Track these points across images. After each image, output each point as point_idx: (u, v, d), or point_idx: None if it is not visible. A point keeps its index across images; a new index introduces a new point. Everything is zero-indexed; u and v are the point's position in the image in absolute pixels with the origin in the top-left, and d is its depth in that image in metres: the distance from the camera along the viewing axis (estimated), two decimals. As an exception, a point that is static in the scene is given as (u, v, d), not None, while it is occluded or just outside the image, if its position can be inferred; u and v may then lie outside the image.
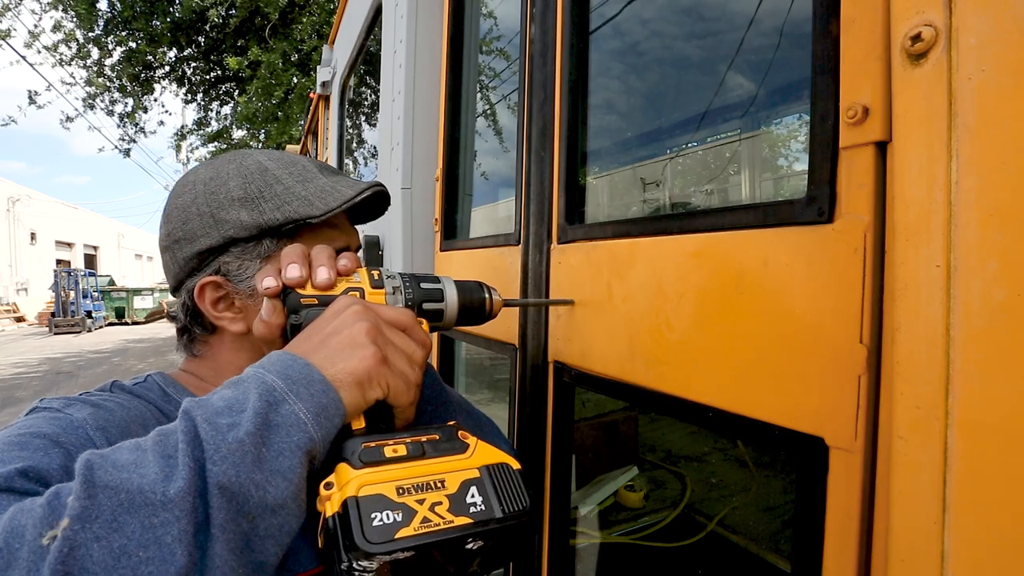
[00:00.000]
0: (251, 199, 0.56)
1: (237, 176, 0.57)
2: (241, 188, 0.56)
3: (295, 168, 0.59)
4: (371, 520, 0.36)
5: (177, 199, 0.58)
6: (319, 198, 0.56)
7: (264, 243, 0.56)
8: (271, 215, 0.55)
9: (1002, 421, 0.31)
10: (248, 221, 0.55)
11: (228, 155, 0.61)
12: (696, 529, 1.48)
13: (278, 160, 0.59)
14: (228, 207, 0.55)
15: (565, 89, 0.81)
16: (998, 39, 0.31)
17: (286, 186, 0.57)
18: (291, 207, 0.56)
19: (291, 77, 6.85)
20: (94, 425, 0.47)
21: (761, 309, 0.48)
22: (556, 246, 0.81)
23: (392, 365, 0.45)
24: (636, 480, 1.70)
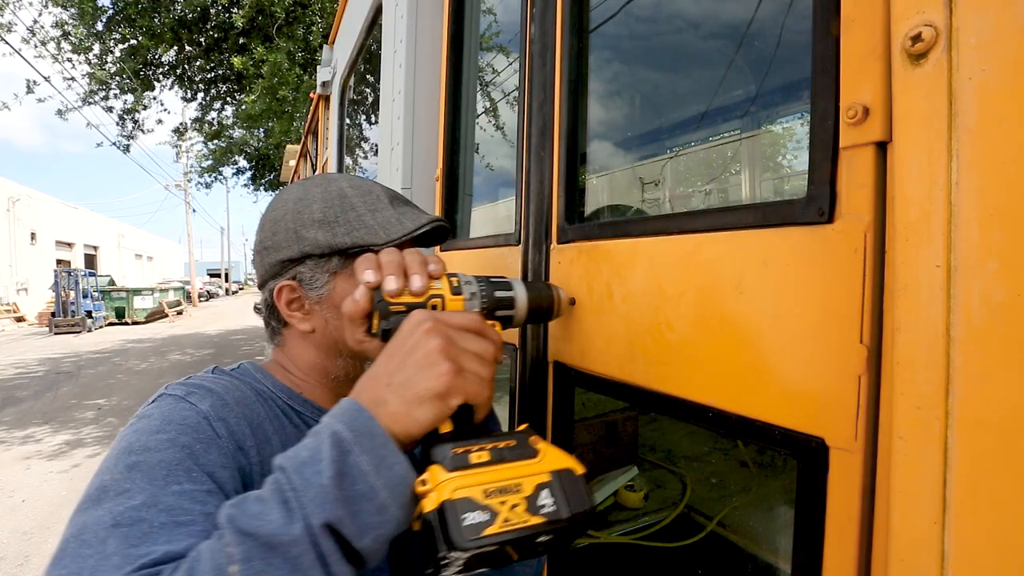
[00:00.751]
0: (328, 222, 0.65)
1: (320, 200, 0.66)
2: (321, 211, 0.65)
3: (369, 197, 0.68)
4: (462, 521, 0.43)
5: (272, 212, 0.68)
6: (383, 228, 0.65)
7: (334, 260, 0.65)
8: (342, 238, 0.64)
9: (1002, 421, 0.31)
10: (323, 241, 0.64)
11: (319, 178, 0.70)
12: (696, 529, 1.48)
13: (357, 188, 0.68)
14: (309, 226, 0.65)
15: (565, 89, 0.81)
16: (998, 39, 0.31)
17: (358, 214, 0.66)
18: (359, 234, 0.65)
19: (296, 76, 6.86)
20: (214, 416, 0.55)
21: (761, 309, 0.48)
22: (556, 246, 0.81)
23: (467, 372, 0.51)
24: (636, 480, 1.70)
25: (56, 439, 5.44)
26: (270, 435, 0.61)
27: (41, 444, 5.31)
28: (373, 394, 0.50)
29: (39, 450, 5.15)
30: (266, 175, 10.83)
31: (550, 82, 0.83)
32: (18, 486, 4.35)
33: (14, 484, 4.39)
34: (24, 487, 4.33)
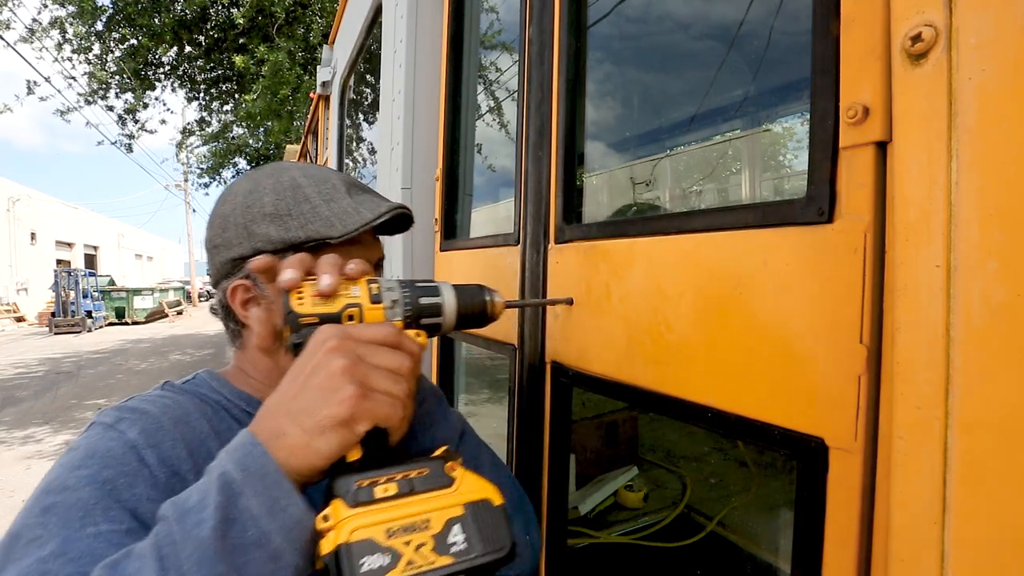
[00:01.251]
0: (280, 216, 0.61)
1: (272, 192, 0.62)
2: (273, 204, 0.61)
3: (324, 187, 0.63)
4: (360, 566, 0.40)
5: (220, 207, 0.64)
6: (340, 219, 0.61)
7: (288, 256, 0.59)
8: (295, 232, 0.60)
9: (1002, 421, 0.31)
10: (275, 236, 0.60)
11: (269, 168, 0.66)
12: (696, 529, 1.48)
13: (311, 177, 0.64)
14: (260, 221, 0.61)
15: (562, 88, 0.81)
16: (998, 39, 0.31)
17: (312, 205, 0.61)
18: (313, 227, 0.60)
19: (296, 75, 6.86)
20: (144, 443, 0.52)
21: (761, 309, 0.48)
22: (554, 246, 0.81)
23: (376, 393, 0.47)
24: (636, 480, 1.70)
25: (56, 439, 5.44)
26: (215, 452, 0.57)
27: (41, 444, 5.31)
28: (272, 424, 0.46)
29: (39, 450, 5.15)
30: (266, 175, 10.79)
31: (547, 82, 0.83)
32: (18, 486, 4.35)
33: (14, 484, 4.39)
34: (24, 487, 4.33)
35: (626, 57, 1.38)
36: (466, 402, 1.51)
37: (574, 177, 0.80)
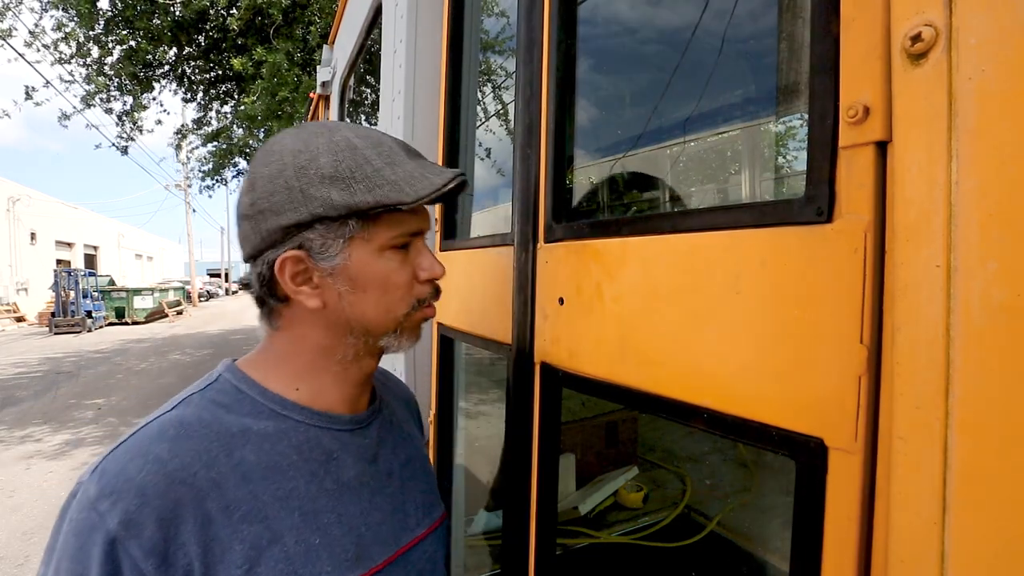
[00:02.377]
0: (342, 178, 0.55)
1: (328, 152, 0.56)
2: (332, 166, 0.56)
3: (383, 149, 0.59)
4: None
5: (263, 168, 0.57)
6: (409, 184, 0.57)
7: (350, 223, 0.56)
8: (362, 197, 0.55)
9: (1002, 421, 0.31)
10: (339, 201, 0.55)
11: (315, 126, 0.60)
12: (696, 529, 1.48)
13: (366, 139, 0.59)
14: (319, 184, 0.55)
15: (552, 85, 0.80)
16: (998, 39, 0.31)
17: (376, 168, 0.57)
18: (382, 191, 0.56)
19: (295, 76, 6.85)
20: (126, 534, 0.48)
21: (759, 309, 0.48)
22: (543, 245, 0.80)
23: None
24: (636, 480, 1.70)
25: (56, 439, 5.44)
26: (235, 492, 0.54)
27: (41, 444, 5.31)
28: None
29: (39, 450, 5.15)
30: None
31: (537, 79, 0.83)
32: (18, 486, 4.35)
33: (14, 484, 4.39)
34: (24, 487, 4.33)
35: (616, 54, 1.38)
36: (471, 402, 1.51)
37: (564, 176, 0.80)
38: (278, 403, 0.60)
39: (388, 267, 0.59)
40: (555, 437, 0.81)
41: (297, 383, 0.62)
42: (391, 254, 0.60)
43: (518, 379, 0.85)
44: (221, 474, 0.54)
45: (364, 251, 0.58)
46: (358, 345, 0.62)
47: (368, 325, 0.61)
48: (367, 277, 0.59)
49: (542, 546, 0.81)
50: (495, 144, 1.60)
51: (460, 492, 1.33)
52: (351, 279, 0.58)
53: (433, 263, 0.64)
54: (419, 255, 0.63)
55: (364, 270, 0.58)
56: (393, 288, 0.60)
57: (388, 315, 0.61)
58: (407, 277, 0.61)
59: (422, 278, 0.63)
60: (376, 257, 0.59)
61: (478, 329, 1.01)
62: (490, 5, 1.45)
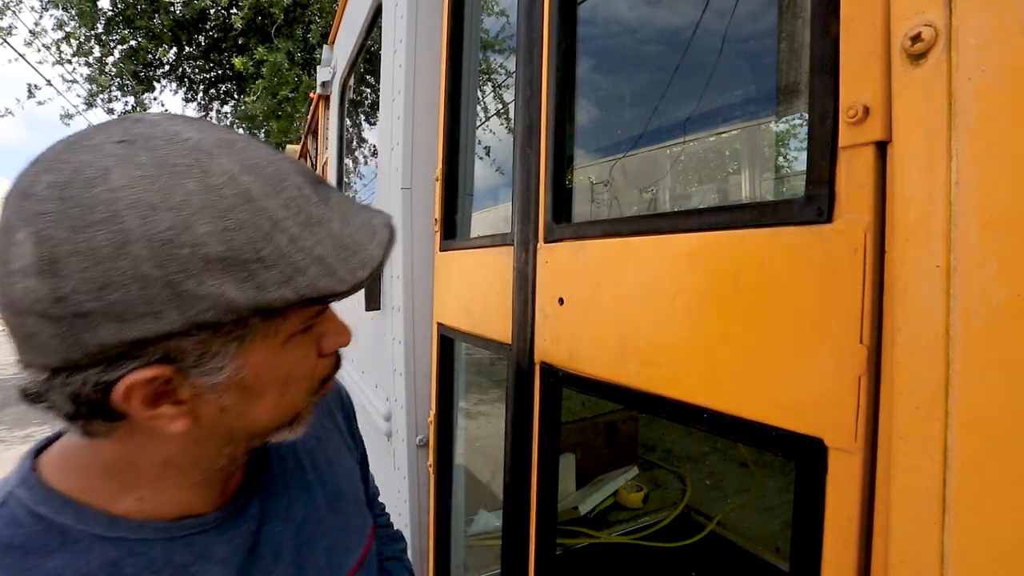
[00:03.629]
0: (241, 262, 0.35)
1: (208, 210, 0.35)
2: (221, 239, 0.35)
3: (288, 193, 0.39)
4: None
5: (77, 235, 0.33)
6: (340, 259, 0.40)
7: (252, 323, 0.38)
8: (277, 293, 0.37)
9: (1002, 421, 0.31)
10: (240, 301, 0.36)
11: (164, 142, 0.36)
12: (696, 529, 1.48)
13: (258, 174, 0.38)
14: (201, 273, 0.34)
15: (552, 85, 0.80)
16: (998, 39, 0.31)
17: (290, 236, 0.38)
18: (305, 278, 0.38)
19: (295, 75, 6.86)
20: None
21: (759, 309, 0.47)
22: (543, 245, 0.80)
23: None
24: (636, 480, 1.70)
25: (56, 439, 5.44)
26: None
27: (41, 444, 5.31)
28: None
29: (39, 450, 5.15)
30: (266, 175, 10.84)
31: (537, 79, 0.83)
32: (18, 486, 4.34)
33: (14, 484, 4.38)
34: (24, 487, 4.32)
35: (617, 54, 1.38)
36: (471, 402, 1.51)
37: (563, 176, 0.80)
38: (104, 524, 0.43)
39: (294, 359, 0.44)
40: (555, 437, 0.81)
41: (136, 492, 0.45)
42: (297, 340, 0.44)
43: (518, 379, 0.85)
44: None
45: (266, 351, 0.41)
46: (236, 452, 0.47)
47: (259, 431, 0.46)
48: (266, 381, 0.42)
49: (542, 546, 0.81)
50: (495, 144, 1.60)
51: (460, 492, 1.33)
52: (244, 388, 0.41)
53: (340, 329, 0.49)
54: (324, 322, 0.47)
55: (265, 374, 0.42)
56: (296, 382, 0.45)
57: (287, 415, 0.47)
58: (313, 360, 0.46)
59: (328, 350, 0.48)
60: (281, 352, 0.42)
61: (478, 329, 1.01)
62: (490, 5, 1.45)
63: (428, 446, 1.30)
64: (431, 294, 1.28)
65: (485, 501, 1.53)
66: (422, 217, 1.32)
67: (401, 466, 1.38)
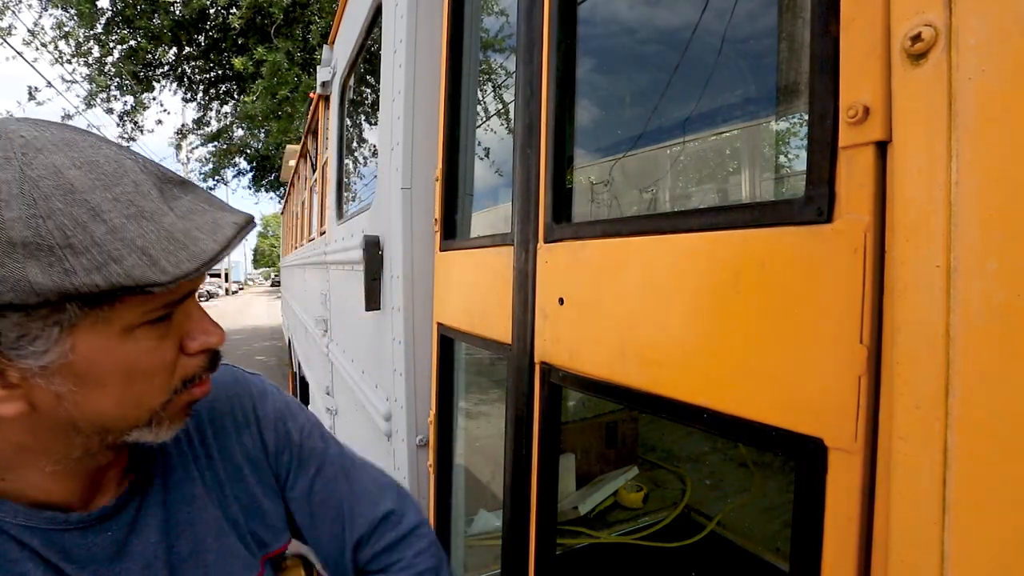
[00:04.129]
0: (48, 247, 0.36)
1: (20, 198, 0.36)
2: (27, 224, 0.36)
3: (121, 189, 0.39)
4: None
5: None
6: (165, 252, 0.39)
7: (69, 310, 0.38)
8: (85, 278, 0.37)
9: (1002, 421, 0.31)
10: (44, 284, 0.36)
11: (2, 148, 0.38)
12: (696, 529, 1.48)
13: (91, 170, 0.39)
14: (2, 257, 0.35)
15: (552, 85, 0.80)
16: (998, 39, 0.31)
17: (110, 226, 0.38)
18: (120, 267, 0.38)
19: (295, 75, 6.86)
20: None
21: (759, 309, 0.48)
22: (543, 245, 0.80)
23: None
24: (636, 480, 1.70)
25: (56, 439, 5.43)
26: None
27: (41, 444, 5.30)
28: None
29: (39, 450, 5.14)
30: (267, 176, 10.86)
31: (537, 79, 0.83)
32: (18, 486, 4.34)
33: (14, 484, 4.37)
34: (24, 487, 4.32)
35: (617, 54, 1.38)
36: (471, 402, 1.51)
37: (563, 176, 0.80)
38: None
39: (137, 351, 0.43)
40: (555, 437, 0.81)
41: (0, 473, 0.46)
42: (144, 332, 0.43)
43: (518, 379, 0.85)
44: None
45: (98, 338, 0.41)
46: (89, 444, 0.46)
47: (106, 424, 0.44)
48: (103, 369, 0.42)
49: (542, 546, 0.81)
50: (495, 144, 1.60)
51: (460, 492, 1.33)
52: (77, 375, 0.41)
53: (208, 328, 0.48)
54: (188, 320, 0.47)
55: (99, 362, 0.41)
56: (144, 376, 0.44)
57: (137, 409, 0.45)
58: (169, 355, 0.46)
59: (192, 349, 0.47)
60: (118, 342, 0.42)
61: (478, 329, 1.01)
62: (490, 5, 1.45)
63: (428, 446, 1.30)
64: (431, 294, 1.28)
65: (485, 501, 1.53)
66: (422, 217, 1.32)
67: (401, 466, 1.38)
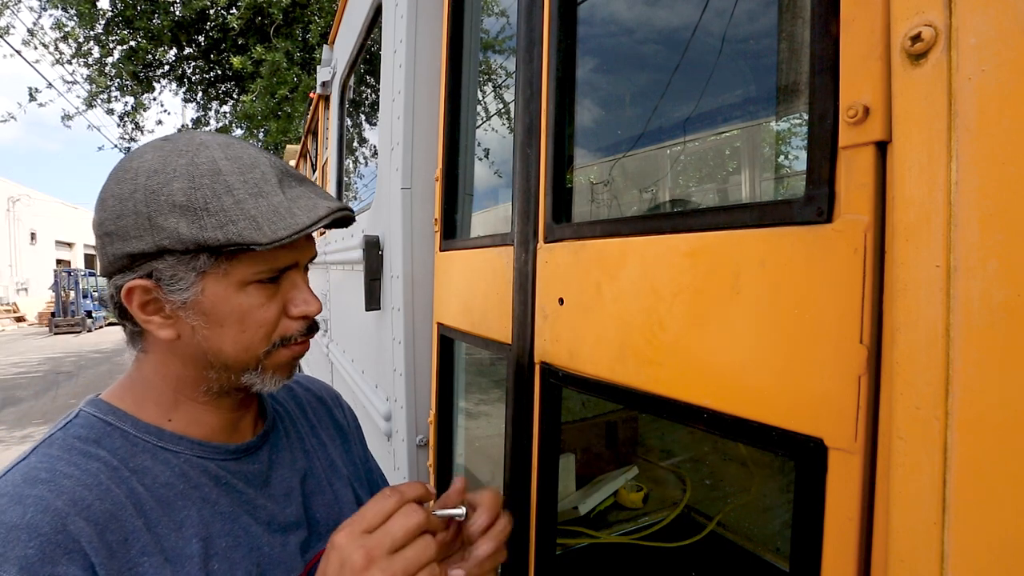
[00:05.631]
0: (194, 209, 0.51)
1: (185, 176, 0.51)
2: (185, 193, 0.51)
3: (252, 175, 0.53)
4: None
5: (116, 186, 0.53)
6: (269, 221, 0.52)
7: (202, 258, 0.52)
8: (212, 233, 0.51)
9: (1002, 421, 0.31)
10: (187, 235, 0.51)
11: (184, 141, 0.55)
12: (696, 529, 1.48)
13: (235, 161, 0.54)
14: (168, 213, 0.50)
15: (552, 85, 0.80)
16: (998, 39, 0.31)
17: (236, 199, 0.52)
18: (236, 228, 0.51)
19: (294, 75, 6.86)
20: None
21: (759, 309, 0.48)
22: (543, 245, 0.80)
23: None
24: (636, 480, 1.70)
25: (56, 439, 5.43)
26: (138, 529, 0.51)
27: (41, 444, 5.30)
28: None
29: (39, 450, 5.14)
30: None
31: (537, 79, 0.83)
32: (18, 486, 4.34)
33: (14, 484, 4.38)
34: (24, 487, 4.32)
35: (617, 54, 1.38)
36: (471, 402, 1.51)
37: (564, 175, 0.80)
38: (154, 434, 0.57)
39: (248, 303, 0.55)
40: (555, 437, 0.81)
41: (169, 414, 0.59)
42: (254, 289, 0.55)
43: (518, 379, 0.85)
44: (116, 504, 0.50)
45: (220, 286, 0.54)
46: (221, 380, 0.58)
47: (226, 361, 0.57)
48: (223, 312, 0.55)
49: (542, 546, 0.81)
50: (495, 144, 1.60)
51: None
52: (205, 313, 0.54)
53: (308, 299, 0.60)
54: (293, 289, 0.59)
55: (220, 305, 0.54)
56: (253, 325, 0.56)
57: (247, 352, 0.57)
58: (272, 313, 0.57)
59: (293, 314, 0.59)
60: (235, 292, 0.54)
61: (478, 329, 1.01)
62: (490, 5, 1.45)
63: (428, 446, 1.30)
64: (431, 294, 1.28)
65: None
66: (422, 217, 1.32)
67: (401, 466, 1.38)
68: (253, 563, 0.58)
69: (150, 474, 0.55)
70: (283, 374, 0.61)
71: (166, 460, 0.56)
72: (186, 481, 0.57)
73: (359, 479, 0.78)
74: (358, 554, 0.48)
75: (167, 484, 0.55)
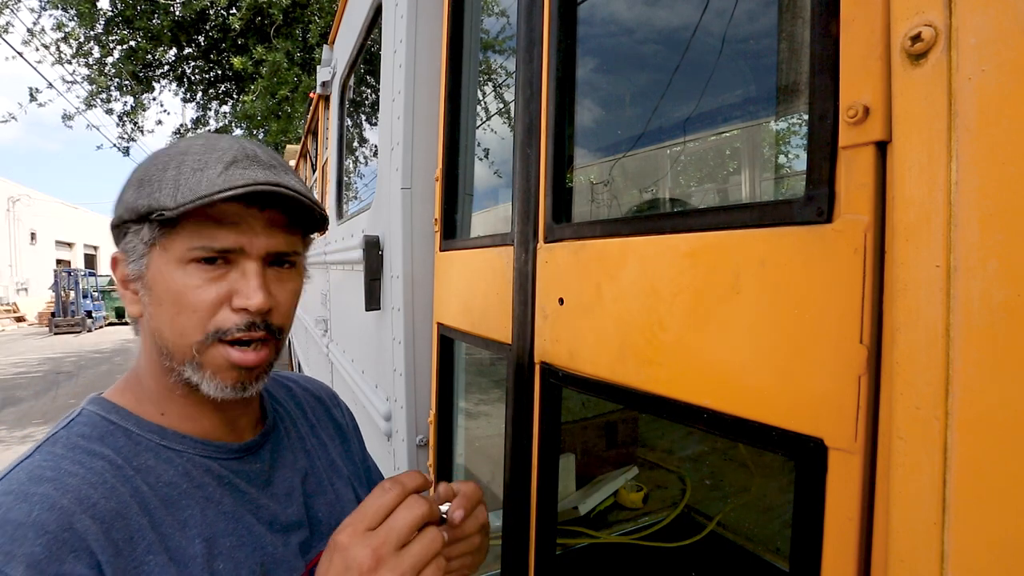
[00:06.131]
0: (143, 181, 0.53)
1: (161, 156, 0.55)
2: (145, 169, 0.54)
3: (210, 156, 0.53)
4: None
5: (142, 166, 0.57)
6: (189, 190, 0.51)
7: (144, 228, 0.53)
8: (143, 201, 0.52)
9: (1002, 421, 0.31)
10: (130, 202, 0.53)
11: (207, 134, 0.60)
12: (696, 529, 1.48)
13: (207, 144, 0.55)
14: (128, 186, 0.55)
15: (552, 85, 0.80)
16: (998, 39, 0.31)
17: (179, 172, 0.52)
18: (159, 195, 0.51)
19: (295, 75, 6.86)
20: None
21: (759, 309, 0.48)
22: (543, 245, 0.80)
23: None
24: (636, 480, 1.71)
25: (56, 439, 5.43)
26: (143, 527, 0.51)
27: (41, 444, 5.30)
28: None
29: (39, 450, 5.14)
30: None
31: (537, 79, 0.82)
32: (18, 486, 4.34)
33: (14, 484, 4.38)
34: (24, 487, 4.32)
35: (617, 54, 1.38)
36: (471, 402, 1.51)
37: (564, 175, 0.80)
38: (157, 433, 0.57)
39: (184, 282, 0.53)
40: (555, 437, 0.81)
41: (161, 407, 0.58)
42: (193, 269, 0.53)
43: (518, 379, 0.85)
44: (121, 503, 0.50)
45: (162, 260, 0.53)
46: (172, 367, 0.56)
47: (167, 344, 0.55)
48: (161, 289, 0.54)
49: (542, 546, 0.81)
50: (495, 144, 1.60)
51: (460, 492, 1.33)
52: (150, 289, 0.54)
53: (251, 291, 0.54)
54: (240, 279, 0.54)
55: (160, 281, 0.54)
56: (188, 307, 0.53)
57: (181, 338, 0.54)
58: (208, 297, 0.53)
59: (232, 305, 0.54)
60: (174, 269, 0.53)
61: (478, 329, 1.01)
62: (490, 5, 1.45)
63: (428, 446, 1.30)
64: (431, 294, 1.28)
65: (485, 501, 1.53)
66: (422, 217, 1.32)
67: (401, 466, 1.38)
68: (257, 563, 0.58)
69: (154, 473, 0.54)
70: (225, 380, 0.55)
71: (169, 459, 0.56)
72: (189, 480, 0.57)
73: (359, 478, 0.79)
74: (364, 554, 0.46)
75: (171, 483, 0.55)
